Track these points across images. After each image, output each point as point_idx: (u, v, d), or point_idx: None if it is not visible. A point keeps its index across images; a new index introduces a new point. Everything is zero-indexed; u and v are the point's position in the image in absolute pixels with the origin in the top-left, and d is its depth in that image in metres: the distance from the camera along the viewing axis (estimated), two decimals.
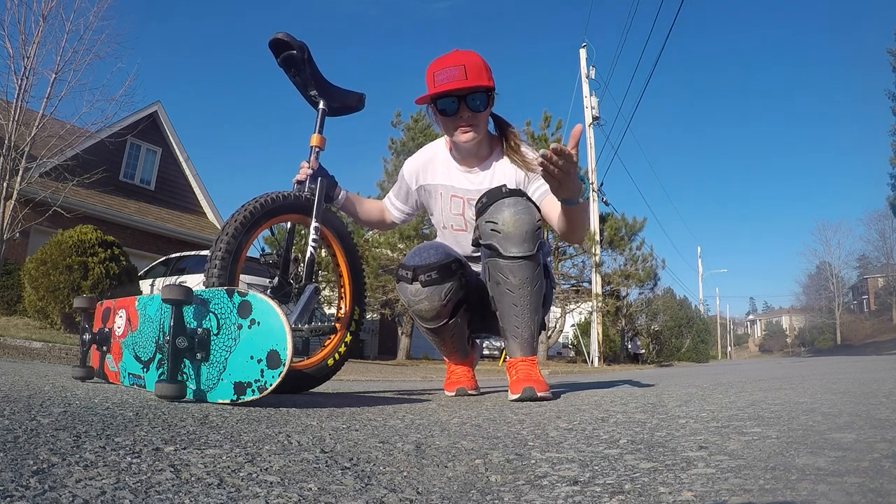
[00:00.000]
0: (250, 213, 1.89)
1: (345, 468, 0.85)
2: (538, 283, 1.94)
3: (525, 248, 1.86)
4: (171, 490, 0.68)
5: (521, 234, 1.84)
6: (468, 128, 2.02)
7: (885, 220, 51.30)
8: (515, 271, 1.88)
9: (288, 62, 2.13)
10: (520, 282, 1.89)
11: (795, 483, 0.71)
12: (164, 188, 17.45)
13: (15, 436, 0.88)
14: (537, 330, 2.01)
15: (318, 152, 2.17)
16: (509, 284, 1.91)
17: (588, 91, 18.79)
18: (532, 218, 1.89)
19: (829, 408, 1.51)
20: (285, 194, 2.03)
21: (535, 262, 1.92)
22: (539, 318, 1.99)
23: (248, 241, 1.90)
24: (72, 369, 2.04)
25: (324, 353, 2.15)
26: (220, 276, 1.81)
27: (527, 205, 1.90)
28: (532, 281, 1.91)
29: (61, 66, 9.65)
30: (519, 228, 1.84)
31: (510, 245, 1.85)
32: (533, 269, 1.91)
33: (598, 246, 17.67)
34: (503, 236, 1.86)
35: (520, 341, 1.98)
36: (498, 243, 1.87)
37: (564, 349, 24.58)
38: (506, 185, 1.98)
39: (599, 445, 1.05)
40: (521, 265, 1.87)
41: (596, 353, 17.02)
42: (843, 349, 47.29)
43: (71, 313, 7.66)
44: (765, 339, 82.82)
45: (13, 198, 9.25)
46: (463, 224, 2.18)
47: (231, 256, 1.83)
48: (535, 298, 1.94)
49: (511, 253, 1.86)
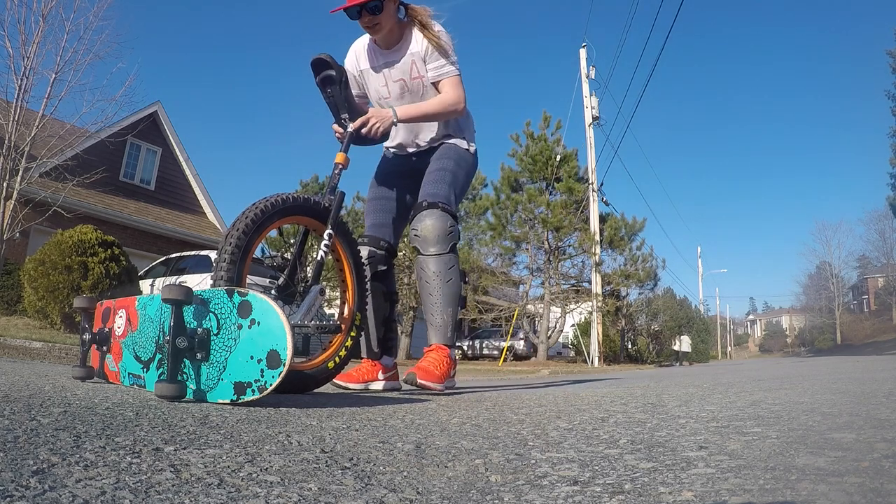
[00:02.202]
0: (261, 212, 1.94)
1: (345, 468, 0.85)
2: (450, 279, 2.38)
3: (438, 248, 2.37)
4: (171, 490, 0.68)
5: (434, 237, 2.36)
6: (372, 26, 2.42)
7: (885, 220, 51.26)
8: (430, 264, 2.37)
9: (326, 81, 2.35)
10: (433, 273, 2.37)
11: (795, 483, 0.71)
12: (164, 188, 17.44)
13: (15, 436, 0.88)
14: (451, 321, 2.39)
15: (342, 170, 2.29)
16: (426, 276, 2.38)
17: (588, 91, 18.78)
18: (444, 225, 2.37)
19: (829, 408, 1.51)
20: (295, 196, 2.11)
21: (448, 260, 2.38)
22: (452, 311, 2.39)
23: (258, 239, 1.96)
24: (72, 369, 2.04)
25: (325, 356, 2.16)
26: (228, 271, 1.84)
27: (440, 215, 2.38)
28: (444, 274, 2.37)
29: (61, 66, 9.64)
30: (432, 233, 2.36)
31: (427, 245, 2.38)
32: (445, 264, 2.37)
33: (598, 246, 17.66)
34: (422, 240, 2.38)
35: (433, 328, 2.40)
36: (419, 245, 2.40)
37: (564, 349, 24.57)
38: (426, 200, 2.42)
39: (599, 445, 1.05)
40: (434, 259, 2.37)
41: (596, 352, 17.01)
42: (843, 349, 47.27)
43: (71, 313, 7.65)
44: (765, 339, 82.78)
45: (13, 198, 9.25)
46: (387, 93, 2.59)
47: (241, 253, 1.88)
48: (448, 290, 2.37)
49: (428, 252, 2.37)
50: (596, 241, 17.50)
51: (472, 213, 18.82)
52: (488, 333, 24.00)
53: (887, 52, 35.50)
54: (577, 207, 17.81)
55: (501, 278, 19.26)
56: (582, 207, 17.85)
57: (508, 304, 20.70)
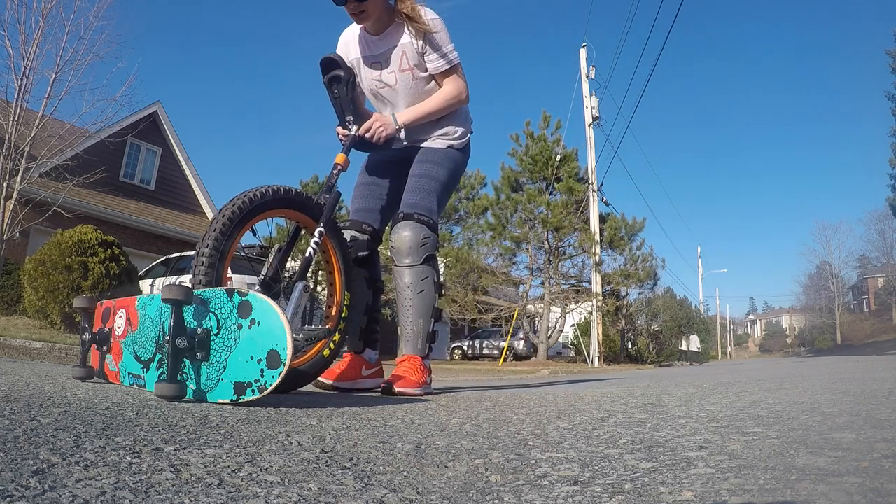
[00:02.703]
0: (238, 209, 1.88)
1: (345, 468, 0.85)
2: (422, 291, 2.39)
3: (411, 260, 2.38)
4: (171, 490, 0.68)
5: (406, 249, 2.38)
6: (358, 14, 2.38)
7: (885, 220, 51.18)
8: (403, 275, 2.39)
9: (333, 81, 2.34)
10: (405, 284, 2.39)
11: (795, 483, 0.71)
12: (164, 188, 17.44)
13: (15, 436, 0.88)
14: (422, 332, 2.41)
15: (341, 171, 2.27)
16: (400, 286, 2.40)
17: (588, 91, 18.77)
18: (417, 237, 2.37)
19: (829, 408, 1.51)
20: (286, 188, 2.05)
21: (420, 271, 2.39)
22: (424, 322, 2.40)
23: (238, 237, 1.91)
24: (72, 369, 2.04)
25: (319, 345, 2.15)
26: (207, 275, 1.80)
27: (414, 226, 2.38)
28: (416, 285, 2.39)
29: (61, 66, 9.63)
30: (405, 245, 2.37)
31: (401, 257, 2.39)
32: (418, 275, 2.39)
33: (598, 246, 17.66)
34: (396, 251, 2.40)
35: (405, 339, 2.43)
36: (394, 256, 2.41)
37: (564, 349, 24.57)
38: (402, 210, 2.42)
39: (599, 445, 1.05)
40: (408, 271, 2.39)
41: (596, 352, 17.00)
42: (843, 349, 47.26)
43: (71, 313, 7.65)
44: (765, 339, 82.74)
45: (13, 198, 9.24)
46: (382, 85, 2.54)
47: (219, 255, 1.83)
48: (419, 302, 2.39)
49: (402, 263, 2.39)
50: (596, 241, 17.50)
51: (471, 213, 18.82)
52: (488, 333, 24.00)
53: (887, 53, 35.50)
54: (577, 207, 17.81)
55: (501, 278, 19.25)
56: (582, 207, 17.85)
57: (508, 304, 20.70)
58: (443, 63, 2.41)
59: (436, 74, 2.44)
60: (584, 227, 17.87)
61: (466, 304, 17.59)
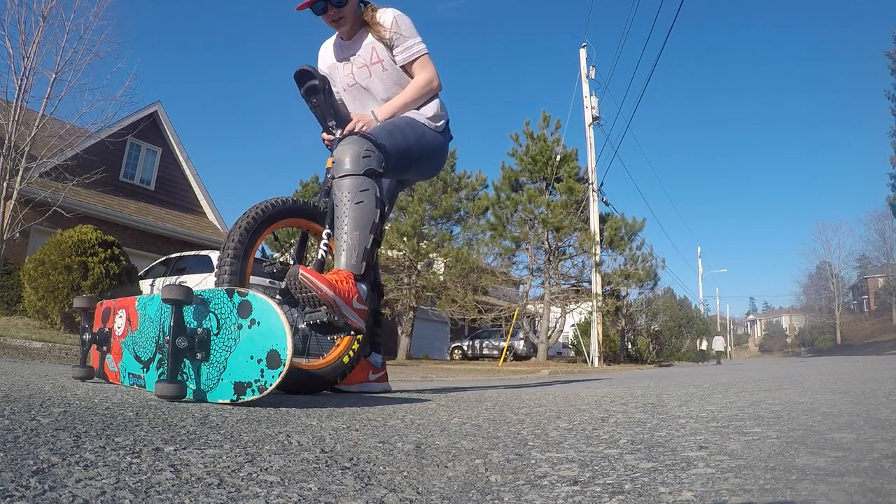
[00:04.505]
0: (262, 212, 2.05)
1: (345, 468, 0.85)
2: (361, 202, 2.28)
3: (347, 170, 2.27)
4: (171, 490, 0.68)
5: (345, 159, 2.28)
6: (337, 20, 2.51)
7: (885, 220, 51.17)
8: (341, 186, 2.27)
9: (310, 91, 2.39)
10: (343, 195, 2.27)
11: (795, 483, 0.71)
12: (164, 188, 17.44)
13: (15, 436, 0.88)
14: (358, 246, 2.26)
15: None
16: (337, 197, 2.29)
17: (588, 91, 18.77)
18: (358, 148, 2.29)
19: (829, 408, 1.51)
20: (294, 199, 2.21)
21: (360, 182, 2.29)
22: (360, 235, 2.27)
23: (260, 237, 2.06)
24: (72, 369, 2.04)
25: (338, 352, 2.19)
26: (232, 265, 1.89)
27: (356, 139, 2.31)
28: (353, 195, 2.27)
29: (61, 66, 9.63)
30: (345, 155, 2.28)
31: (338, 168, 2.29)
32: (357, 185, 2.28)
33: (598, 246, 17.66)
34: (336, 164, 2.30)
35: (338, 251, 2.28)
36: (334, 171, 2.31)
37: (564, 349, 24.57)
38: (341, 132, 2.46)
39: (599, 445, 1.05)
40: (347, 180, 2.28)
41: (596, 352, 17.00)
42: (843, 349, 47.24)
43: (71, 313, 7.65)
44: (765, 339, 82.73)
45: (13, 198, 9.24)
46: (353, 80, 2.65)
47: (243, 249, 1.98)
48: (357, 213, 2.27)
49: (339, 174, 2.28)
50: (596, 241, 17.50)
51: (471, 213, 18.82)
52: (488, 333, 24.00)
53: (886, 54, 35.44)
54: (577, 207, 17.81)
55: (501, 278, 19.26)
56: (582, 207, 17.85)
57: (508, 304, 20.71)
58: (409, 54, 2.53)
59: (406, 66, 2.55)
60: (584, 227, 17.87)
61: (466, 304, 17.59)
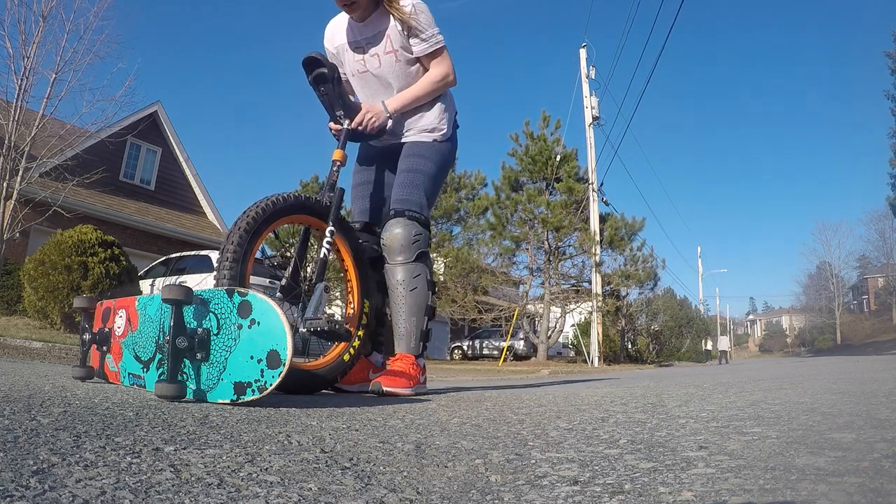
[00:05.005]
0: (262, 211, 1.98)
1: (345, 468, 0.85)
2: (415, 288, 2.38)
3: (403, 257, 2.37)
4: (171, 490, 0.68)
5: (398, 246, 2.36)
6: (349, 6, 2.40)
7: (885, 220, 51.15)
8: (396, 273, 2.37)
9: (319, 80, 2.33)
10: (397, 282, 2.37)
11: (795, 483, 0.71)
12: (164, 188, 17.44)
13: (15, 436, 0.88)
14: (415, 330, 2.39)
15: (340, 166, 2.30)
16: (392, 284, 2.39)
17: (588, 91, 18.77)
18: (409, 234, 2.36)
19: (829, 408, 1.51)
20: (295, 195, 2.13)
21: (413, 269, 2.38)
22: (416, 320, 2.38)
23: (260, 238, 2.01)
24: (72, 369, 2.04)
25: (339, 350, 2.19)
26: (231, 269, 1.87)
27: (405, 223, 2.37)
28: (408, 283, 2.37)
29: (61, 66, 9.62)
30: (397, 242, 2.36)
31: (393, 255, 2.38)
32: (410, 273, 2.37)
33: (598, 246, 17.66)
34: (388, 249, 2.38)
35: (398, 337, 2.40)
36: (386, 254, 2.40)
37: (564, 349, 24.57)
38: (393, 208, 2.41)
39: (599, 445, 1.05)
40: (400, 268, 2.37)
41: (596, 353, 17.00)
42: (843, 349, 47.24)
43: (71, 313, 7.65)
44: (765, 339, 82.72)
45: (13, 198, 9.24)
46: (364, 68, 2.55)
47: (243, 251, 1.93)
48: (412, 300, 2.38)
49: (394, 261, 2.38)
50: (596, 241, 17.50)
51: (471, 212, 18.82)
52: (488, 333, 24.00)
53: (885, 54, 35.42)
54: (577, 207, 17.81)
55: (501, 278, 19.25)
56: (582, 207, 17.84)
57: (508, 304, 20.70)
58: (426, 46, 2.41)
59: (421, 57, 2.45)
60: (584, 227, 17.86)
61: (466, 304, 17.60)
